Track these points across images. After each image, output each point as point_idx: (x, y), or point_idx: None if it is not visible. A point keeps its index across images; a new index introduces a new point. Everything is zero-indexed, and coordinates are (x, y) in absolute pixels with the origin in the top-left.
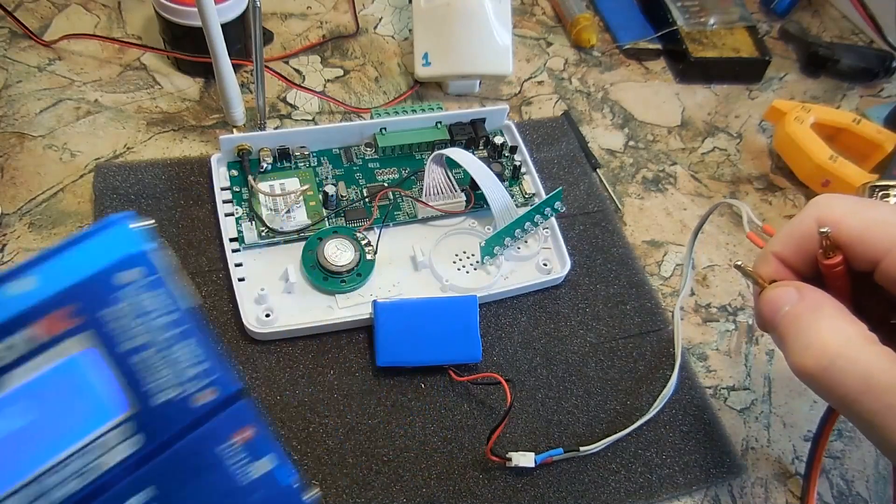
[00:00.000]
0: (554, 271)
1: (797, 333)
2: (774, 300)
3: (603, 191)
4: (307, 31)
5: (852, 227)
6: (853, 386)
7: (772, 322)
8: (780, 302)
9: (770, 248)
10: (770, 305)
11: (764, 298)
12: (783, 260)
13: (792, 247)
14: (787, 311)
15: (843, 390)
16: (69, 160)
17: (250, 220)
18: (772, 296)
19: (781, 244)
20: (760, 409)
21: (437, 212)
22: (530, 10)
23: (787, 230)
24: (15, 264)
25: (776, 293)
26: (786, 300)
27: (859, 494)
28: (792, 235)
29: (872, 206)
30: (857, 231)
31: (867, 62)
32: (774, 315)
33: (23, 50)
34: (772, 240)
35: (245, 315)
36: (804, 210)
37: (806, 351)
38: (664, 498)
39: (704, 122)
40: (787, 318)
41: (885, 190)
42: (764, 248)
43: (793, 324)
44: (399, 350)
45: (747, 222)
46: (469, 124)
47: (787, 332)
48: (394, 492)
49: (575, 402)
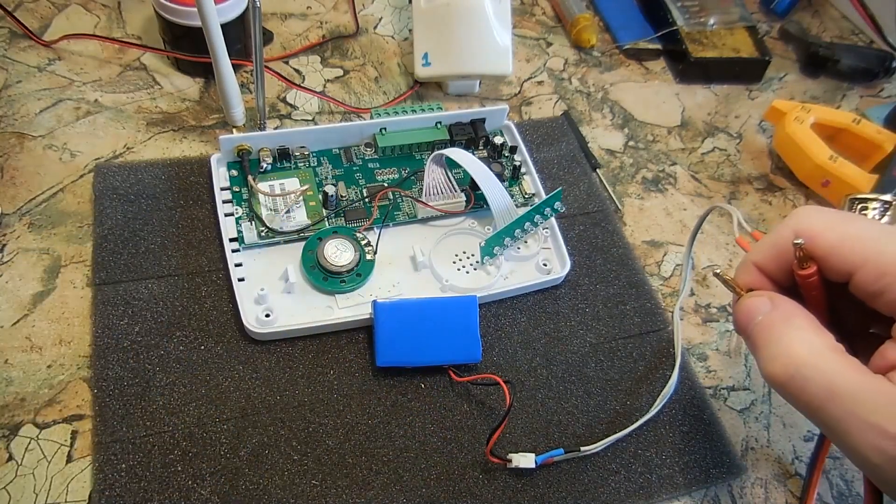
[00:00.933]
0: (554, 271)
1: (768, 342)
2: (749, 309)
3: (603, 191)
4: (307, 31)
5: (828, 239)
6: (817, 394)
7: (745, 330)
8: (754, 311)
9: (750, 258)
10: (744, 314)
11: (739, 307)
12: (763, 269)
13: (771, 257)
14: (760, 320)
15: (808, 397)
16: (69, 160)
17: (250, 220)
18: (747, 304)
19: (761, 254)
20: (760, 410)
21: (437, 212)
22: (530, 10)
23: (767, 241)
24: None
25: (750, 302)
26: (759, 310)
27: (859, 495)
28: (771, 246)
29: (850, 220)
30: (833, 243)
31: (867, 62)
32: (748, 323)
33: (23, 50)
34: (752, 249)
35: (245, 315)
36: (784, 221)
37: (775, 360)
38: (664, 498)
39: (704, 123)
40: (760, 326)
41: (864, 203)
42: (745, 257)
43: (764, 332)
44: (399, 350)
45: (737, 227)
46: (469, 124)
47: (759, 340)
48: (394, 492)
49: (575, 402)
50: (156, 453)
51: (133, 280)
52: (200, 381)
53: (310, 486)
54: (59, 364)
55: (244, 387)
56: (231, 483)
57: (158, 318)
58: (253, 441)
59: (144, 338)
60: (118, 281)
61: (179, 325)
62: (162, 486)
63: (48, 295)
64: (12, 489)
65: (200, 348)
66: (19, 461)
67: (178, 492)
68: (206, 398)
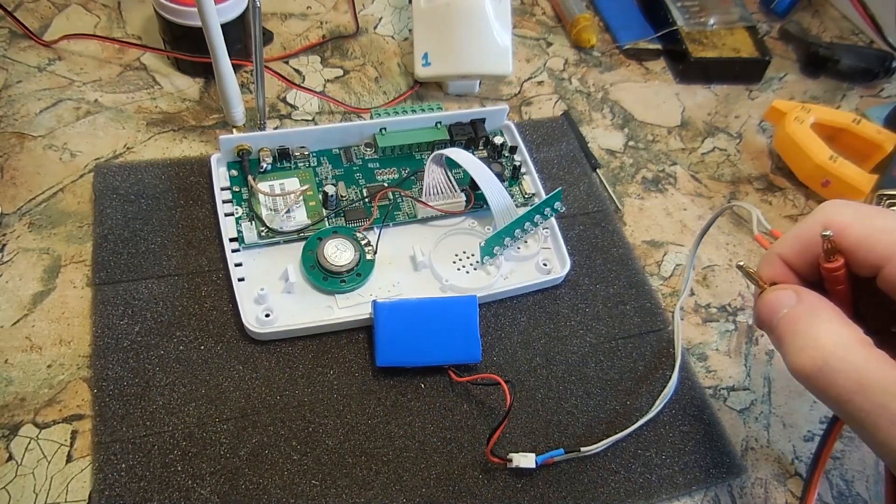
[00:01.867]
0: (554, 271)
1: (794, 335)
2: (773, 302)
3: (603, 191)
4: (307, 31)
5: (857, 232)
6: (846, 386)
7: (770, 323)
8: (779, 304)
9: (775, 250)
10: (769, 307)
11: (763, 300)
12: (787, 262)
13: (796, 249)
14: (786, 313)
15: (837, 390)
16: (69, 160)
17: (250, 220)
18: (771, 298)
19: (786, 246)
20: (760, 410)
21: (437, 212)
22: (530, 10)
23: (793, 233)
24: None
25: (775, 296)
26: (784, 303)
27: (859, 495)
28: (797, 238)
29: (878, 214)
30: (861, 237)
31: (867, 62)
32: (772, 317)
33: (23, 50)
34: (777, 242)
35: (245, 315)
36: (811, 214)
37: (802, 352)
38: (664, 498)
39: (704, 123)
40: (785, 319)
41: (893, 199)
42: (769, 250)
43: (790, 325)
44: (399, 350)
45: (756, 225)
46: (469, 124)
47: (785, 333)
48: (394, 492)
49: (575, 402)
50: (156, 453)
51: (133, 280)
52: (200, 381)
53: (310, 486)
54: (59, 364)
55: (244, 387)
56: (231, 483)
57: (158, 318)
58: (253, 441)
59: (144, 338)
60: (118, 281)
61: (179, 325)
62: (162, 486)
63: (48, 295)
64: (12, 489)
65: (200, 348)
66: (19, 461)
67: (178, 492)
68: (206, 398)
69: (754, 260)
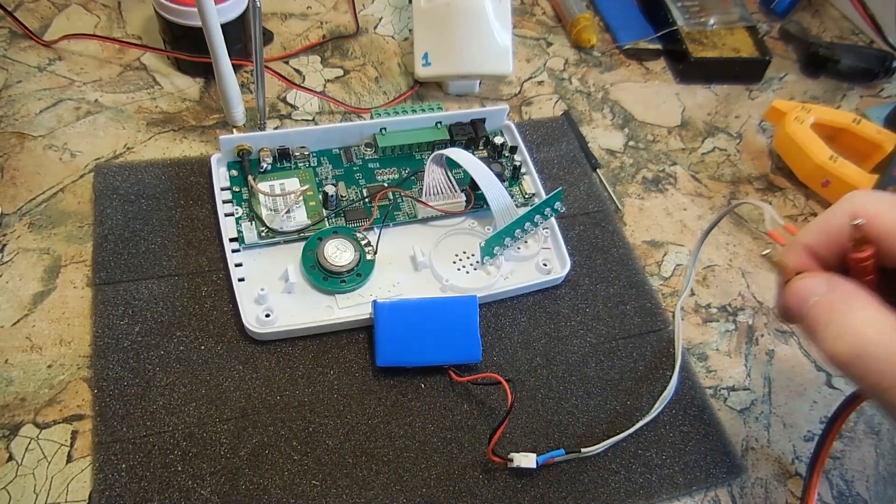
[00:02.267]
0: (554, 271)
1: (829, 322)
2: (802, 290)
3: (603, 191)
4: (307, 31)
5: (885, 222)
6: (887, 373)
7: (800, 311)
8: (809, 292)
9: (801, 239)
10: (797, 296)
11: (792, 289)
12: (813, 251)
13: (822, 239)
14: (818, 300)
15: (877, 377)
16: (69, 160)
17: (250, 220)
18: (799, 286)
19: (812, 236)
20: (760, 410)
21: (437, 212)
22: (530, 10)
23: (820, 222)
24: None
25: (803, 283)
26: (815, 291)
27: (859, 495)
28: (823, 228)
29: None
30: (889, 227)
31: (867, 62)
32: (803, 305)
33: (23, 50)
34: (803, 231)
35: (245, 315)
36: (838, 203)
37: (839, 339)
38: (664, 498)
39: (704, 123)
40: (818, 307)
41: None
42: (794, 239)
43: (825, 313)
44: (399, 350)
45: (769, 221)
46: (469, 124)
47: (819, 320)
48: (394, 492)
49: (575, 402)
50: (156, 453)
51: (133, 280)
52: (200, 381)
53: (310, 486)
54: (59, 364)
55: (244, 387)
56: (231, 483)
57: (158, 318)
58: (253, 441)
59: (144, 338)
60: (118, 281)
61: (179, 325)
62: (162, 486)
63: (48, 295)
64: (12, 489)
65: (200, 348)
66: (19, 461)
67: (178, 492)
68: (206, 398)
69: (753, 260)
